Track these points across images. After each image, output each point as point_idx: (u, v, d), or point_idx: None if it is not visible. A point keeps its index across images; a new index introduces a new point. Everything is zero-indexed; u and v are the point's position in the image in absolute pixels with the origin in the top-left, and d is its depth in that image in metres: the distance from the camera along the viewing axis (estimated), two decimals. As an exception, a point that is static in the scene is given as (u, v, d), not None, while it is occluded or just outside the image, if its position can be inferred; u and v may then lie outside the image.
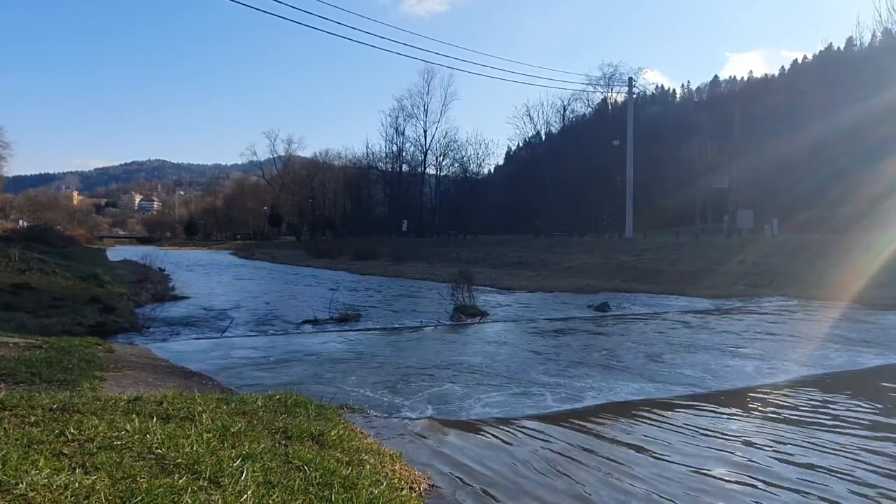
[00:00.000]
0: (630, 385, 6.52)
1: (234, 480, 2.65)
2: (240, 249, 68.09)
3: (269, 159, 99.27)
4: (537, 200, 54.65)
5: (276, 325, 11.33)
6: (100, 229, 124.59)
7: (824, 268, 18.42)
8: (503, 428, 4.80)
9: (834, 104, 38.57)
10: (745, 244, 26.34)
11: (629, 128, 40.05)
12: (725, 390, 6.33)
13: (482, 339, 10.13)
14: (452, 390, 6.25)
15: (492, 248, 38.07)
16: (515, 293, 18.71)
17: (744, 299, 16.18)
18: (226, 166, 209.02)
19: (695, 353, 8.42)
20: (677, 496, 3.50)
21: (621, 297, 16.91)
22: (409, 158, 69.67)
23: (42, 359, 5.49)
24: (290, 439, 3.47)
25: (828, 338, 9.89)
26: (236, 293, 18.89)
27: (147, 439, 2.97)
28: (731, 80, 78.90)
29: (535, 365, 7.65)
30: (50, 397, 3.58)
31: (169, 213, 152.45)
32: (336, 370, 7.26)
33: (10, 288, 12.22)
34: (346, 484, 2.91)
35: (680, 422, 5.06)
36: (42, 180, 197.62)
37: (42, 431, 2.92)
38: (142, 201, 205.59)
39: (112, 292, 14.63)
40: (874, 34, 40.13)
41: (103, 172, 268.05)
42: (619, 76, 50.18)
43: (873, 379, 7.04)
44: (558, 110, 60.73)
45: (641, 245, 31.55)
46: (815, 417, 5.27)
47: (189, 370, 6.78)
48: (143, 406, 3.64)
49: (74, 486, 2.32)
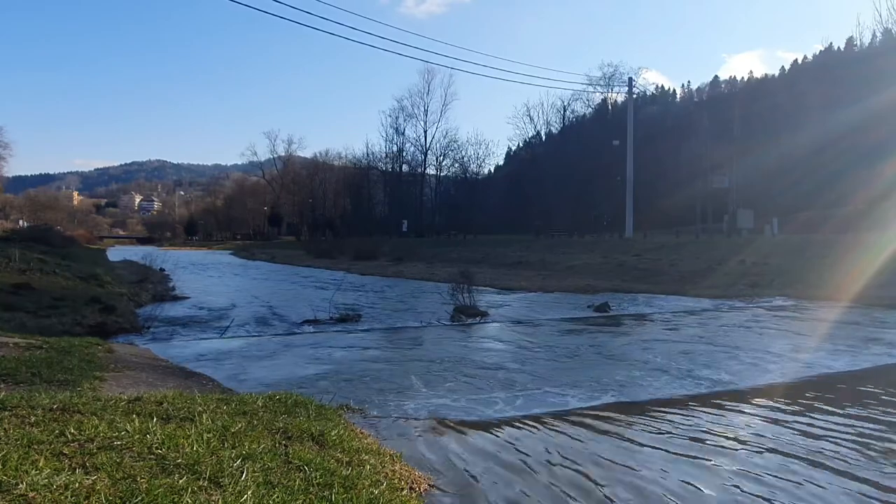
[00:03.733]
0: (631, 385, 6.51)
1: (235, 481, 2.65)
2: (240, 250, 68.13)
3: (269, 159, 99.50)
4: (537, 200, 54.63)
5: (276, 326, 11.33)
6: (100, 229, 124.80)
7: (824, 268, 18.41)
8: (504, 428, 4.79)
9: (834, 104, 38.59)
10: (745, 244, 26.33)
11: (629, 128, 40.04)
12: (729, 390, 6.32)
13: (482, 339, 10.13)
14: (452, 390, 6.24)
15: (492, 248, 38.05)
16: (515, 293, 18.69)
17: (744, 299, 16.17)
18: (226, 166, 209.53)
19: (696, 353, 8.41)
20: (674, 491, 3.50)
21: (621, 297, 16.90)
22: (409, 158, 69.78)
23: (42, 359, 5.49)
24: (290, 439, 3.46)
25: (829, 337, 9.89)
26: (236, 293, 18.90)
27: (147, 439, 2.96)
28: (731, 81, 78.90)
29: (535, 365, 7.64)
30: (50, 397, 3.58)
31: (169, 213, 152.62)
32: (336, 370, 7.26)
33: (11, 288, 12.22)
34: (347, 484, 2.91)
35: (682, 421, 5.06)
36: (42, 180, 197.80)
37: (42, 432, 2.92)
38: (142, 201, 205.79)
39: (112, 292, 14.63)
40: (874, 34, 40.17)
41: (103, 172, 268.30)
42: (619, 76, 50.29)
43: (875, 378, 7.03)
44: (558, 110, 60.83)
45: (641, 245, 31.54)
46: (818, 417, 5.27)
47: (189, 370, 6.78)
48: (144, 406, 3.64)
49: (74, 486, 2.31)
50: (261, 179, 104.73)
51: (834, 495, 3.58)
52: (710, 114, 50.42)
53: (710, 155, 43.54)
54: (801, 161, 40.09)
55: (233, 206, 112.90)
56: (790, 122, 44.69)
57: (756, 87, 64.37)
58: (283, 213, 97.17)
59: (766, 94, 54.09)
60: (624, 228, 40.12)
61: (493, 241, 44.68)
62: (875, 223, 24.68)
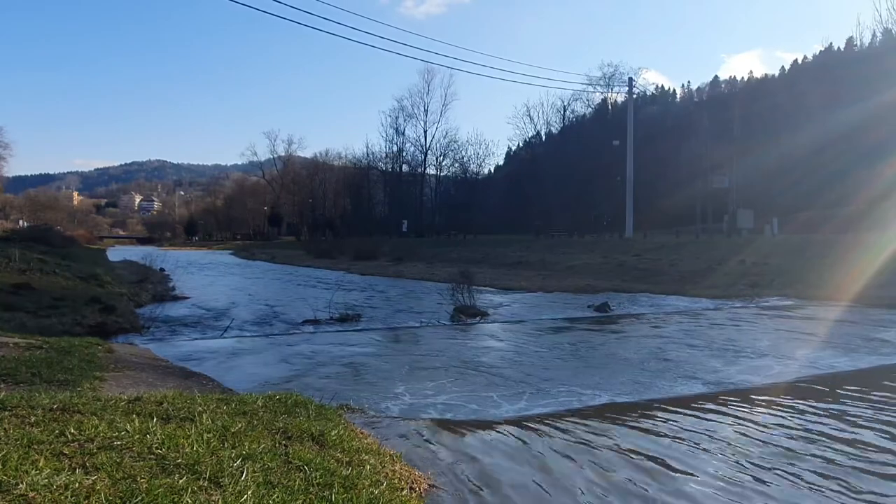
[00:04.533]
0: (632, 385, 6.51)
1: (235, 481, 2.65)
2: (240, 250, 68.14)
3: (269, 159, 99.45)
4: (537, 200, 54.63)
5: (276, 325, 11.33)
6: (100, 229, 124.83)
7: (824, 268, 18.41)
8: (504, 428, 4.79)
9: (834, 104, 38.60)
10: (745, 244, 26.32)
11: (629, 128, 40.05)
12: (730, 390, 6.32)
13: (482, 339, 10.13)
14: (452, 390, 6.24)
15: (492, 248, 38.05)
16: (515, 293, 18.70)
17: (744, 299, 16.17)
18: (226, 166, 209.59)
19: (696, 354, 8.41)
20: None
21: (622, 297, 16.90)
22: (409, 158, 69.78)
23: (42, 359, 5.49)
24: (290, 439, 3.46)
25: (830, 337, 9.89)
26: (236, 293, 18.90)
27: (147, 439, 2.96)
28: (731, 81, 78.80)
29: (535, 365, 7.65)
30: (50, 397, 3.58)
31: (169, 213, 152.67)
32: (336, 370, 7.26)
33: (11, 288, 12.22)
34: (347, 484, 2.90)
35: (684, 421, 5.06)
36: (42, 180, 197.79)
37: (42, 432, 2.91)
38: (142, 201, 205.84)
39: (112, 292, 14.63)
40: (874, 34, 40.22)
41: (103, 172, 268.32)
42: (619, 76, 50.31)
43: (875, 378, 7.03)
44: (558, 110, 60.83)
45: (641, 245, 31.54)
46: (822, 417, 5.27)
47: (189, 370, 6.78)
48: (144, 406, 3.64)
49: (74, 486, 2.31)
50: (261, 179, 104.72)
51: (834, 495, 3.58)
52: (710, 114, 50.40)
53: (710, 155, 43.54)
54: (801, 161, 40.08)
55: (233, 206, 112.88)
56: (790, 122, 44.68)
57: (756, 87, 64.35)
58: (283, 213, 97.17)
59: (766, 94, 54.08)
60: (624, 228, 40.12)
61: (493, 241, 44.68)
62: (875, 223, 24.68)
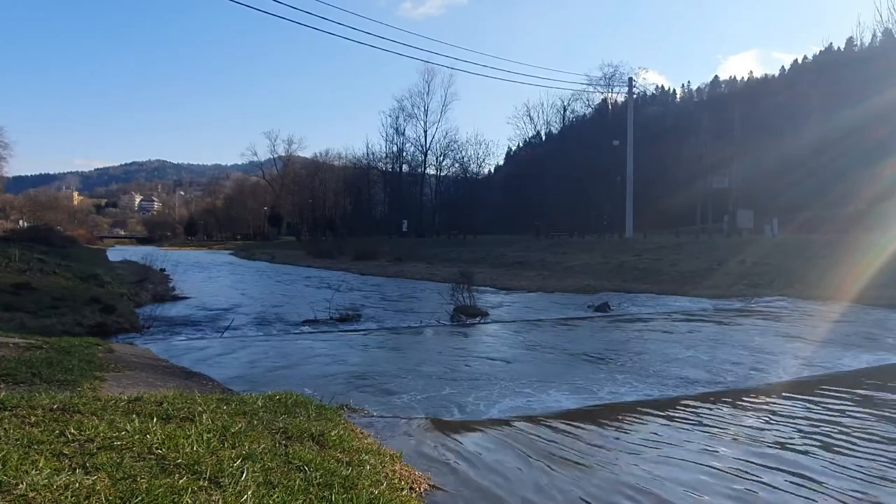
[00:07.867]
0: (633, 385, 6.51)
1: (235, 481, 2.65)
2: (240, 250, 68.11)
3: (270, 159, 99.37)
4: (537, 200, 54.60)
5: (275, 325, 11.33)
6: (100, 229, 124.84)
7: (824, 268, 18.39)
8: (504, 428, 4.79)
9: (834, 104, 38.56)
10: (745, 244, 26.30)
11: (629, 128, 40.02)
12: (730, 390, 6.32)
13: (482, 339, 10.13)
14: (452, 390, 6.24)
15: (492, 248, 38.03)
16: (515, 293, 18.70)
17: (744, 299, 16.17)
18: (226, 166, 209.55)
19: (697, 353, 8.41)
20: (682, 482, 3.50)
21: (622, 297, 16.89)
22: (410, 158, 69.69)
23: (42, 359, 5.48)
24: (290, 439, 3.46)
25: (830, 336, 9.89)
26: (236, 293, 18.90)
27: (147, 439, 2.96)
28: (731, 81, 78.95)
29: (535, 365, 7.65)
30: (50, 398, 3.58)
31: (169, 213, 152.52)
32: (336, 370, 7.26)
33: (11, 288, 12.21)
34: (347, 484, 2.90)
35: (686, 421, 5.06)
36: (42, 180, 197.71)
37: (42, 432, 2.92)
38: (142, 201, 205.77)
39: (112, 292, 14.62)
40: (874, 34, 40.18)
41: (103, 172, 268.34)
42: (619, 76, 50.16)
43: (877, 377, 7.02)
44: (558, 110, 60.68)
45: (642, 245, 31.53)
46: (824, 417, 5.27)
47: (189, 370, 6.78)
48: (144, 406, 3.64)
49: (75, 486, 2.31)
50: (261, 179, 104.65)
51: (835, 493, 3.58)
52: (710, 114, 50.37)
53: (711, 155, 43.50)
54: (802, 161, 40.01)
55: (233, 206, 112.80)
56: (790, 122, 44.67)
57: (756, 87, 64.31)
58: (284, 213, 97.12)
59: (766, 95, 54.03)
60: (624, 228, 40.09)
61: (493, 241, 44.67)
62: (875, 223, 24.64)
